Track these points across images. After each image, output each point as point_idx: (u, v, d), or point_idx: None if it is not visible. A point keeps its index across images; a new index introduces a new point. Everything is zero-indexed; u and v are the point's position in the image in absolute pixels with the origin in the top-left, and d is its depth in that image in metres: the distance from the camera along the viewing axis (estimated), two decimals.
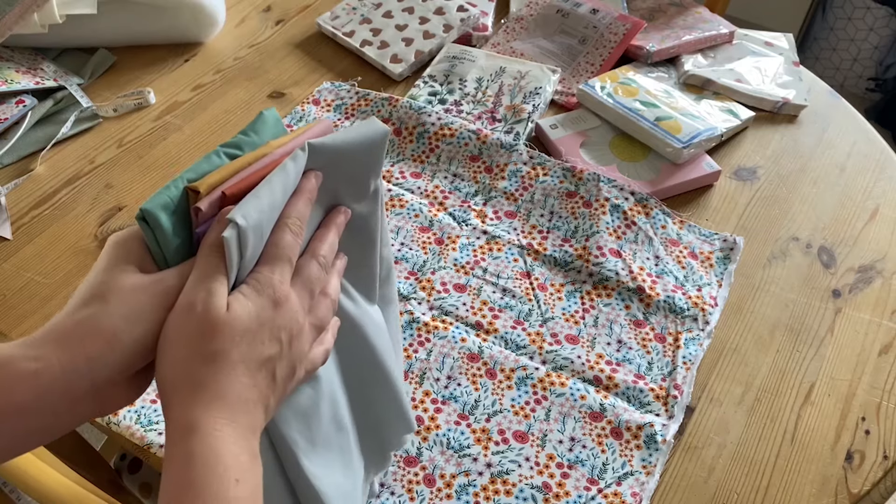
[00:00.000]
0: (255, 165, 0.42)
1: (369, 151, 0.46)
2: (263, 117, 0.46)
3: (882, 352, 0.74)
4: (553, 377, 0.70)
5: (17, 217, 0.83)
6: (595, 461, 0.65)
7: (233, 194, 0.41)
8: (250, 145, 0.44)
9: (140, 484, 0.86)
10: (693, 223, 0.84)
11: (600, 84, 0.95)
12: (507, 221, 0.83)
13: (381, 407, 0.53)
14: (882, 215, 0.87)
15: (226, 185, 0.41)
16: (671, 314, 0.75)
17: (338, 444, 0.49)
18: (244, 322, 0.39)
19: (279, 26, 1.11)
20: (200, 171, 0.42)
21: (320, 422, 0.47)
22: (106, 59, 1.02)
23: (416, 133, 0.90)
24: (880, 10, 2.06)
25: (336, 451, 0.49)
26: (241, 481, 0.37)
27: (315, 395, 0.46)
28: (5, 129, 0.90)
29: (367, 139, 0.45)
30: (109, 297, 0.39)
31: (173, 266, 0.41)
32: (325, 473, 0.47)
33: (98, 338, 0.38)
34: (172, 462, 0.37)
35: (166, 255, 0.41)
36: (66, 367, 0.37)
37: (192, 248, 0.42)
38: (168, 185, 0.41)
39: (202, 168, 0.42)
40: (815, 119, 0.99)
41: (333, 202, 0.46)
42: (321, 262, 0.44)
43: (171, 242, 0.41)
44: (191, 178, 0.41)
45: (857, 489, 0.64)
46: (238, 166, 0.42)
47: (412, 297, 0.76)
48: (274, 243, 0.41)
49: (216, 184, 0.41)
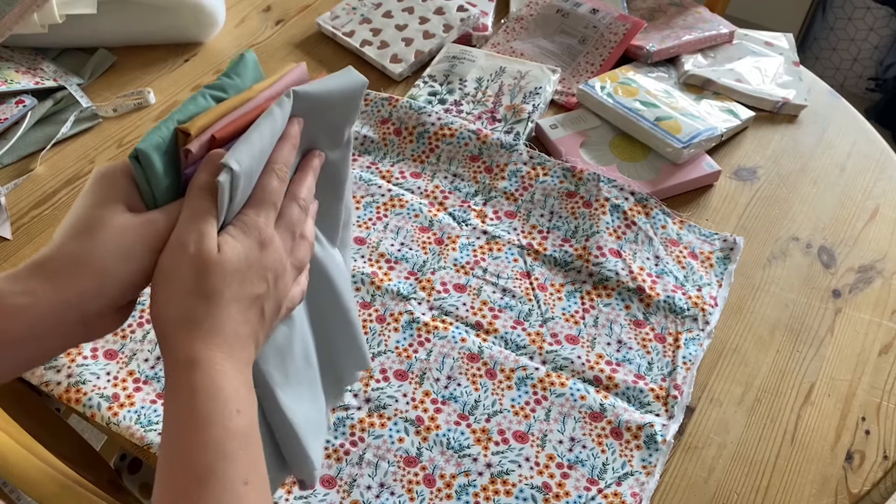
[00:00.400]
0: (241, 109, 0.44)
1: (347, 101, 0.48)
2: (244, 60, 0.48)
3: (882, 352, 0.74)
4: (553, 377, 0.70)
5: (17, 217, 0.83)
6: (595, 461, 0.65)
7: (221, 137, 0.43)
8: (234, 88, 0.46)
9: (140, 484, 0.86)
10: (693, 223, 0.84)
11: (600, 84, 0.95)
12: (507, 221, 0.83)
13: (340, 344, 0.55)
14: (882, 215, 0.87)
15: (214, 127, 0.43)
16: (671, 314, 0.75)
17: (307, 378, 0.51)
18: (234, 262, 0.40)
19: (279, 26, 1.11)
20: (189, 113, 0.43)
21: (294, 358, 0.49)
22: (106, 59, 1.02)
23: (416, 133, 0.90)
24: (880, 10, 2.06)
25: (305, 385, 0.51)
26: (241, 412, 0.39)
27: (290, 332, 0.49)
28: (5, 129, 0.90)
29: (346, 88, 0.48)
30: (98, 233, 0.40)
31: (161, 205, 0.42)
32: (297, 407, 0.49)
33: (88, 273, 0.39)
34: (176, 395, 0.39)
35: (155, 194, 0.42)
36: (56, 301, 0.39)
37: (180, 187, 0.43)
38: (159, 125, 0.42)
39: (190, 109, 0.43)
40: (815, 119, 0.99)
41: (310, 147, 0.48)
42: (301, 204, 0.46)
43: (161, 182, 0.42)
44: (180, 120, 0.43)
45: (857, 489, 0.64)
46: (224, 109, 0.44)
47: (412, 297, 0.76)
48: (261, 187, 0.43)
49: (205, 126, 0.43)
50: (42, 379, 0.67)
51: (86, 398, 0.66)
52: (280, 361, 0.48)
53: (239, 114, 0.44)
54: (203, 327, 0.39)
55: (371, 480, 0.63)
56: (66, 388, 0.66)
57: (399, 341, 0.72)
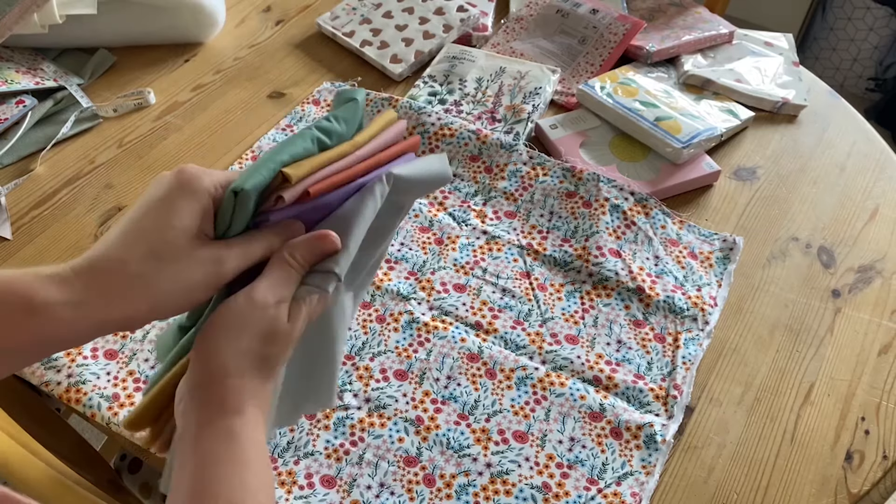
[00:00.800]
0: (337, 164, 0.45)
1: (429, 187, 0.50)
2: (357, 105, 0.48)
3: (882, 352, 0.74)
4: (553, 377, 0.70)
5: (17, 217, 0.83)
6: (595, 461, 0.65)
7: (314, 194, 0.44)
8: (338, 136, 0.47)
9: (140, 484, 0.86)
10: (693, 223, 0.84)
11: (600, 84, 0.95)
12: (507, 221, 0.83)
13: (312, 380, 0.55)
14: (882, 215, 0.87)
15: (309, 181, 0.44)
16: (671, 314, 0.75)
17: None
18: (295, 335, 0.42)
19: (279, 26, 1.11)
20: (294, 154, 0.44)
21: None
22: (106, 59, 1.02)
23: (416, 133, 0.90)
24: (880, 10, 2.06)
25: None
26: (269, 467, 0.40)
27: None
28: (5, 129, 0.90)
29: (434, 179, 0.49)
30: (167, 259, 0.39)
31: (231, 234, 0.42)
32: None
33: (145, 299, 0.38)
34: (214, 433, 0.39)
35: (232, 228, 0.42)
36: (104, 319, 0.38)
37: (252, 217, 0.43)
38: (265, 162, 0.42)
39: (297, 150, 0.44)
40: (814, 119, 0.99)
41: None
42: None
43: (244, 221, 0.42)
44: (285, 161, 0.43)
45: (857, 489, 0.64)
46: (324, 160, 0.45)
47: (412, 297, 0.76)
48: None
49: (304, 175, 0.43)
50: (42, 379, 0.67)
51: (86, 398, 0.66)
52: None
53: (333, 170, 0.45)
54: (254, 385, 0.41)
55: (371, 480, 0.63)
56: (66, 388, 0.66)
57: (399, 341, 0.72)
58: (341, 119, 0.47)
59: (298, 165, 0.43)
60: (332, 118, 0.47)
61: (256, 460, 0.39)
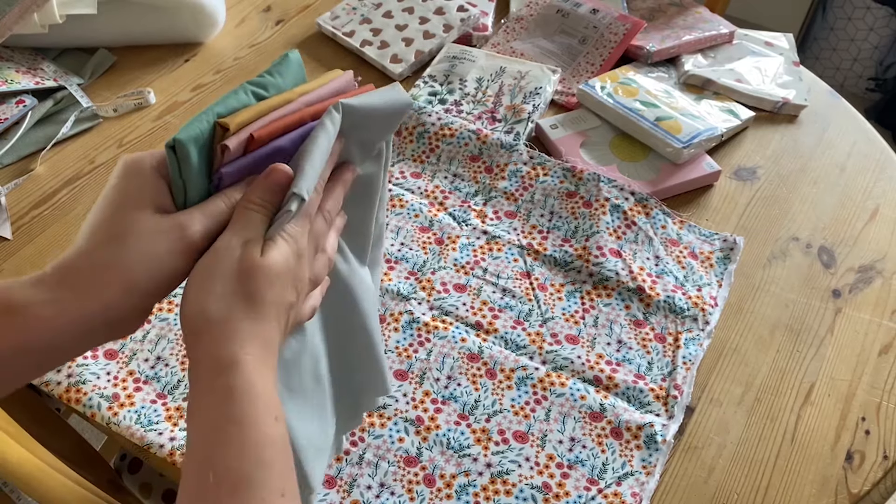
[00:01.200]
0: (281, 111, 0.44)
1: (389, 118, 0.47)
2: (289, 60, 0.47)
3: (882, 352, 0.74)
4: (553, 377, 0.70)
5: (17, 217, 0.83)
6: (595, 461, 0.65)
7: (260, 137, 0.42)
8: (276, 87, 0.45)
9: (140, 484, 0.86)
10: (693, 223, 0.84)
11: (600, 84, 0.95)
12: (507, 221, 0.83)
13: (361, 367, 0.54)
14: (882, 215, 0.87)
15: (253, 126, 0.42)
16: (671, 314, 0.75)
17: (314, 397, 0.50)
18: (276, 268, 0.39)
19: (279, 26, 1.11)
20: (228, 107, 0.42)
21: (301, 373, 0.48)
22: (106, 59, 1.02)
23: (416, 133, 0.90)
24: (880, 10, 2.06)
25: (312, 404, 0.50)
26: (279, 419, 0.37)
27: (299, 347, 0.47)
28: (5, 129, 0.90)
29: (391, 107, 0.46)
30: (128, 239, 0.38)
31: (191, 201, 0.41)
32: (299, 424, 0.48)
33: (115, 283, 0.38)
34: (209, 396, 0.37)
35: (187, 189, 0.41)
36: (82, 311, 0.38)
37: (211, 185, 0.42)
38: (199, 116, 0.41)
39: (230, 103, 0.43)
40: (815, 119, 0.99)
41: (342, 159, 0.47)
42: (326, 217, 0.45)
43: (195, 177, 0.41)
44: (220, 113, 0.42)
45: (857, 489, 0.64)
46: (264, 108, 0.43)
47: (412, 297, 0.76)
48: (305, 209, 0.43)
49: (244, 123, 0.42)
50: (42, 379, 0.67)
51: (86, 398, 0.66)
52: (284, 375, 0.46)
53: (278, 115, 0.43)
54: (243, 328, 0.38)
55: (371, 480, 0.63)
56: (66, 388, 0.66)
57: (399, 341, 0.72)
58: (275, 73, 0.46)
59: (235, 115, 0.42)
60: (266, 73, 0.46)
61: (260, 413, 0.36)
